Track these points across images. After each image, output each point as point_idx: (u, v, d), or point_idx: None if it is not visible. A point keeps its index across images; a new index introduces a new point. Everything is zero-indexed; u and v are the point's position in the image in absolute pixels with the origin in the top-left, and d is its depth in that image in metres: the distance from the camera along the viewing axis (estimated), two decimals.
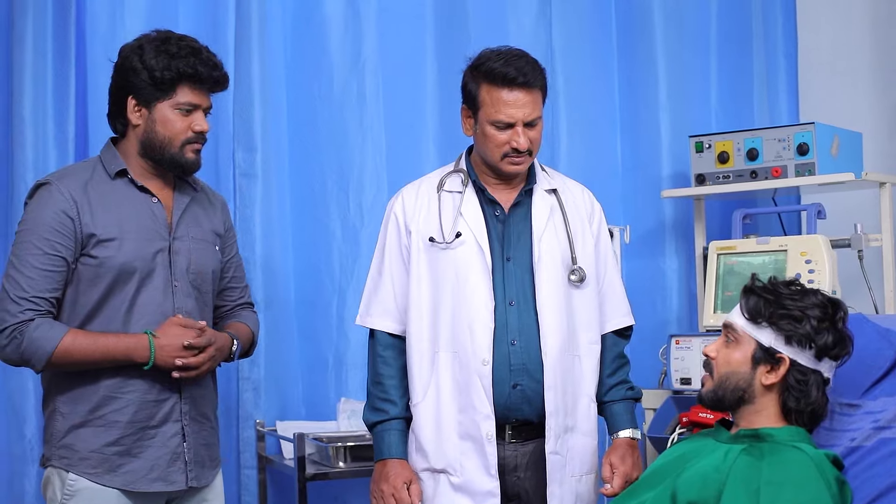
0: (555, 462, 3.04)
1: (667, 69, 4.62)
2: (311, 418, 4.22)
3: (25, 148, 3.86)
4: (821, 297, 2.64)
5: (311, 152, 4.29)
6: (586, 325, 3.14)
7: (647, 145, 4.62)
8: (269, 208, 4.17)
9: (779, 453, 2.51)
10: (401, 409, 3.12)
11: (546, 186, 3.19)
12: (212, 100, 3.06)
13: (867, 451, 2.57)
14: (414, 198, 3.18)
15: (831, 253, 3.82)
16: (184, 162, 2.99)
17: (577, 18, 4.60)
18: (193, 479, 3.01)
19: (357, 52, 4.30)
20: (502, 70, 3.01)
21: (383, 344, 3.16)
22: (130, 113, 2.97)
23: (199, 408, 3.05)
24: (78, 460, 2.90)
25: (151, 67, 2.92)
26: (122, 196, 2.98)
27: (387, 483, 3.05)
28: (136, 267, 2.91)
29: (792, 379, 2.59)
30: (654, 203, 4.57)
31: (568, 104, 4.57)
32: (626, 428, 3.16)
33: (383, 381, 3.14)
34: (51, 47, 3.90)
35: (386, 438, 3.10)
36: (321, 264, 4.28)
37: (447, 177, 3.19)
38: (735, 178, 4.22)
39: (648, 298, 4.60)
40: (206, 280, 3.09)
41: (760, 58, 4.72)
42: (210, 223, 3.14)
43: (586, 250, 3.16)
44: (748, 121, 4.64)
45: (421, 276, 3.11)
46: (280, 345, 4.19)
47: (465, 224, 3.09)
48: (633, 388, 3.22)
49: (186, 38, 3.01)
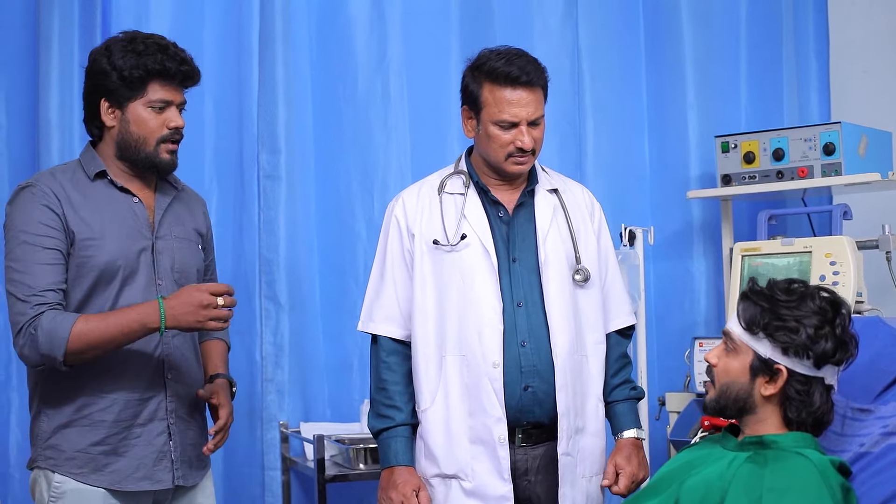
0: (567, 463, 3.02)
1: (695, 69, 4.58)
2: (336, 420, 4.23)
3: (51, 151, 3.89)
4: (819, 300, 2.56)
5: (336, 153, 4.30)
6: (592, 325, 3.11)
7: (675, 146, 4.58)
8: (293, 210, 4.18)
9: (782, 460, 2.47)
10: (406, 416, 3.09)
11: (548, 186, 3.16)
12: (185, 96, 3.04)
13: (875, 458, 2.53)
14: (415, 201, 3.15)
15: (857, 254, 3.76)
16: (158, 161, 2.98)
17: (604, 18, 4.57)
18: (180, 479, 2.99)
19: (382, 52, 4.31)
20: (505, 69, 2.98)
21: (387, 350, 3.13)
22: (104, 115, 2.96)
23: (186, 407, 3.04)
24: (64, 460, 2.89)
25: (120, 67, 2.91)
26: (102, 197, 2.96)
27: (395, 491, 3.02)
28: (118, 266, 2.90)
29: (792, 390, 2.54)
30: (681, 204, 4.53)
31: (594, 104, 4.54)
32: (631, 428, 3.12)
33: (388, 387, 3.10)
34: (77, 51, 3.94)
35: (392, 445, 3.07)
36: (346, 265, 4.29)
37: (448, 179, 3.16)
38: (761, 179, 4.18)
39: (676, 300, 4.56)
40: (191, 279, 3.06)
41: (791, 57, 4.65)
42: (193, 222, 3.13)
43: (589, 249, 3.13)
44: (778, 121, 4.58)
45: (425, 279, 3.08)
46: (305, 347, 4.20)
47: (469, 226, 3.06)
48: (636, 388, 3.19)
49: (154, 36, 3.00)
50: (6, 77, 4.01)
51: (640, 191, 4.60)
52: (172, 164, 3.02)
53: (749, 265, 3.94)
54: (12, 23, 4.00)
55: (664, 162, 4.60)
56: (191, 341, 3.08)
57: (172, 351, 2.99)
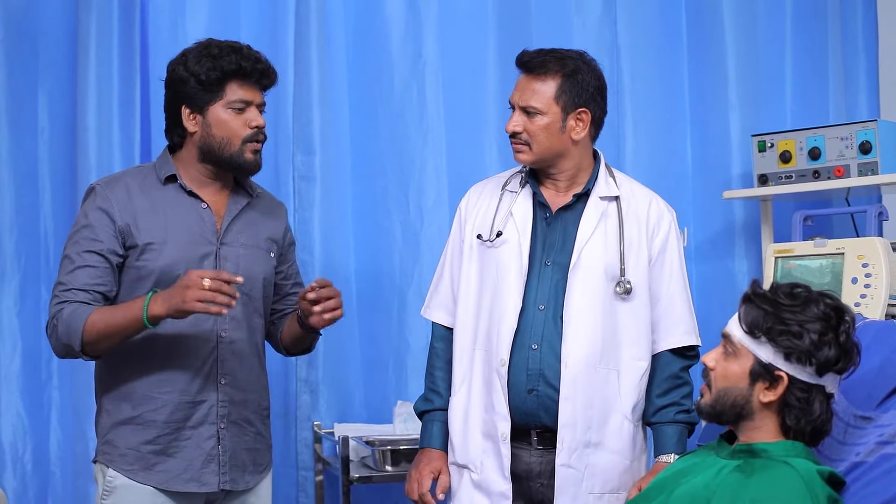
0: (566, 475, 2.97)
1: (738, 68, 4.48)
2: (371, 421, 4.23)
3: (89, 156, 3.94)
4: (824, 306, 2.49)
5: (371, 154, 4.29)
6: (632, 340, 3.03)
7: (716, 146, 4.49)
8: (328, 211, 4.19)
9: (768, 469, 2.42)
10: (445, 401, 3.16)
11: (604, 193, 3.09)
12: (265, 98, 3.09)
13: (869, 467, 2.47)
14: (478, 195, 3.20)
15: (891, 256, 3.67)
16: (243, 162, 3.02)
17: (643, 17, 4.49)
18: (227, 483, 3.03)
19: (417, 52, 4.29)
20: (520, 55, 3.05)
21: (437, 336, 3.22)
22: (186, 121, 3.01)
23: (241, 412, 3.06)
24: (117, 456, 2.96)
25: (196, 72, 2.97)
26: (169, 201, 3.02)
27: (416, 469, 3.11)
28: (179, 271, 2.92)
29: (792, 397, 2.48)
30: (722, 204, 4.45)
31: (634, 104, 4.47)
32: (669, 452, 3.02)
33: (434, 371, 3.20)
34: (116, 55, 4.00)
35: (429, 428, 3.16)
36: (381, 266, 4.29)
37: (513, 176, 3.18)
38: (798, 178, 4.09)
39: (717, 302, 4.46)
40: (257, 286, 3.09)
41: (837, 56, 4.53)
42: (267, 230, 3.16)
43: (640, 263, 3.06)
44: (824, 121, 4.47)
45: (470, 272, 3.13)
46: (340, 347, 4.20)
47: (512, 224, 3.08)
48: (687, 412, 3.07)
49: (228, 41, 3.05)
50: (48, 81, 4.06)
51: (682, 191, 4.52)
52: (257, 165, 3.06)
53: (782, 267, 3.86)
54: (52, 28, 4.05)
55: (705, 162, 4.51)
56: (253, 346, 3.10)
57: (228, 356, 3.02)
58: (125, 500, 2.95)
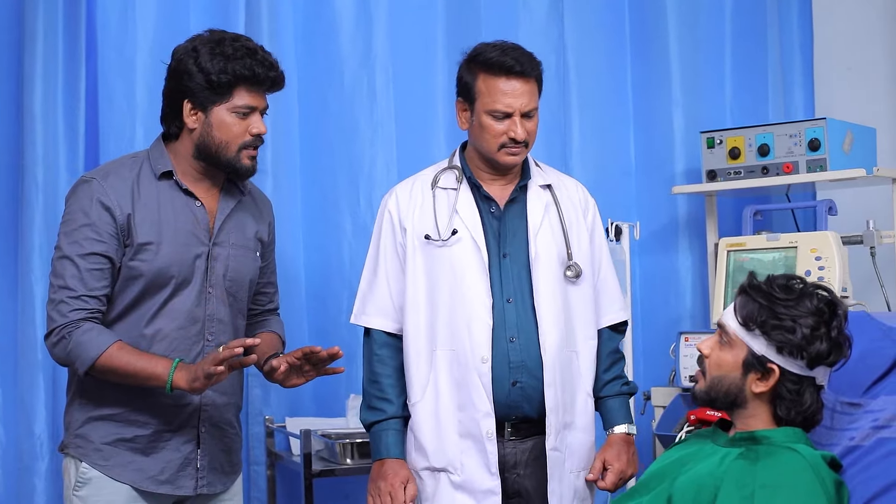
0: (555, 459, 3.03)
1: (680, 64, 4.58)
2: (322, 415, 4.21)
3: (36, 144, 3.85)
4: (817, 300, 2.54)
5: (322, 148, 4.27)
6: (583, 321, 3.12)
7: (660, 141, 4.58)
8: (278, 204, 4.07)
9: (774, 455, 2.47)
10: (398, 408, 3.11)
11: (541, 182, 3.17)
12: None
13: (865, 451, 2.53)
14: (408, 195, 3.16)
15: (842, 250, 3.78)
16: (239, 167, 2.95)
17: (590, 13, 4.56)
18: (204, 486, 2.99)
19: (367, 47, 4.28)
20: (499, 59, 3.01)
21: (379, 342, 3.15)
22: (186, 117, 2.92)
23: (223, 414, 3.03)
24: (91, 451, 2.91)
25: (207, 70, 2.87)
26: (165, 198, 2.94)
27: (384, 481, 3.04)
28: (173, 273, 2.89)
29: (784, 389, 2.53)
30: (667, 199, 4.54)
31: (580, 99, 4.54)
32: (622, 423, 3.14)
33: (380, 379, 3.12)
34: (61, 43, 3.89)
35: (384, 438, 3.09)
36: (331, 260, 4.27)
37: (441, 173, 3.17)
38: (746, 174, 4.18)
39: (661, 295, 4.57)
40: (243, 287, 3.05)
41: (775, 52, 4.66)
42: (255, 229, 3.11)
43: (581, 246, 3.14)
44: (763, 117, 4.58)
45: (417, 274, 3.10)
46: (290, 341, 4.12)
47: (460, 221, 3.07)
48: (628, 384, 3.21)
49: (241, 38, 2.96)
50: None
51: (626, 186, 4.60)
52: (252, 170, 2.99)
53: (735, 260, 3.95)
54: None
55: (650, 157, 4.60)
56: None
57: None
58: (101, 491, 2.90)
